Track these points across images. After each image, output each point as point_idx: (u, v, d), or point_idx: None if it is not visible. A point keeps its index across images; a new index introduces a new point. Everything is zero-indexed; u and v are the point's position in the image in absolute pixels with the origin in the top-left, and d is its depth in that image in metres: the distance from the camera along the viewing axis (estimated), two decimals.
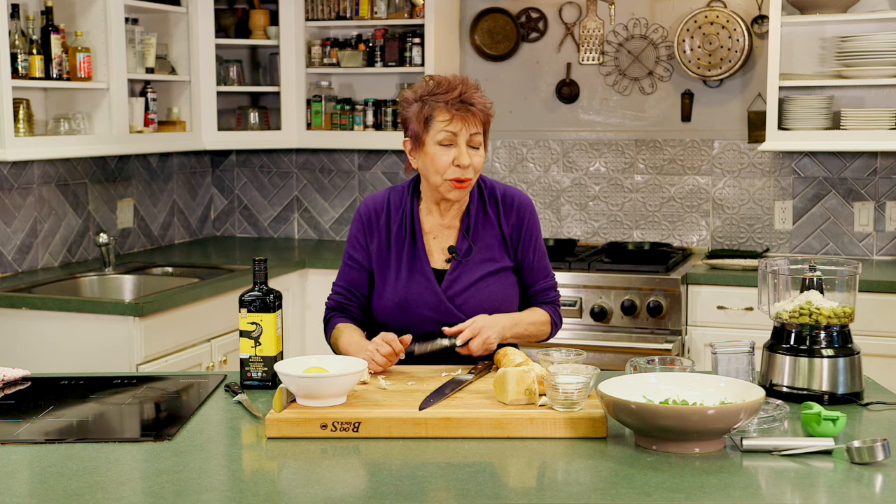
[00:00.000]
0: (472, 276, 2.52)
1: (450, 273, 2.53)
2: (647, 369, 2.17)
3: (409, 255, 2.54)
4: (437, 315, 2.49)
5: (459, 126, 2.44)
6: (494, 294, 2.53)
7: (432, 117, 2.46)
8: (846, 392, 2.21)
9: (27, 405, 2.27)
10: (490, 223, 2.57)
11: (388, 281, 2.53)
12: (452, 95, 2.45)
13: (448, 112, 2.44)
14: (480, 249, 2.55)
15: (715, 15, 4.44)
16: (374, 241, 2.57)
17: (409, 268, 2.53)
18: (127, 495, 1.74)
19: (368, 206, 2.61)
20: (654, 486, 1.73)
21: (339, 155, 5.11)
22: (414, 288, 2.51)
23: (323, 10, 4.77)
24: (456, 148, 2.45)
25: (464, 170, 2.45)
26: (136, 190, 4.68)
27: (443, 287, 2.51)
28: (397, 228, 2.56)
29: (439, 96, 2.45)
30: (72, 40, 3.92)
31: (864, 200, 4.40)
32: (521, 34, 4.79)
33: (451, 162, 2.44)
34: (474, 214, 2.56)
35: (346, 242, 2.63)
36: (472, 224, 2.55)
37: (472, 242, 2.54)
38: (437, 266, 2.54)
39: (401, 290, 2.51)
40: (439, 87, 2.47)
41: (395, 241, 2.55)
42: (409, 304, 2.50)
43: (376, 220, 2.58)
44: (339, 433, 1.99)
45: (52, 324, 3.56)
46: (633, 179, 4.72)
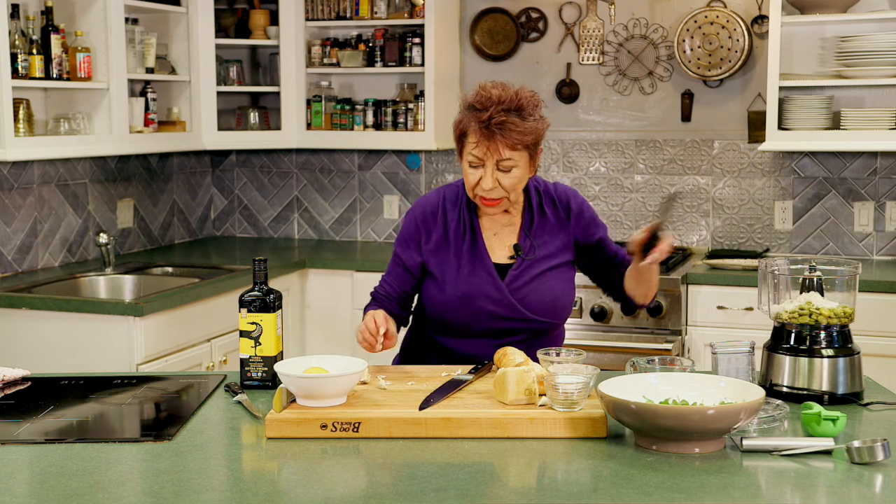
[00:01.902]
0: (534, 272, 2.55)
1: (514, 269, 2.54)
2: (647, 369, 2.17)
3: (469, 250, 2.55)
4: (499, 309, 2.51)
5: (484, 151, 2.42)
6: (555, 289, 2.55)
7: (466, 135, 2.46)
8: (846, 392, 2.21)
9: (27, 405, 2.27)
10: (547, 221, 2.59)
11: (449, 276, 2.54)
12: (482, 117, 2.40)
13: (476, 134, 2.42)
14: (541, 246, 2.57)
15: (715, 15, 4.44)
16: (431, 240, 2.57)
17: (470, 263, 2.54)
18: (127, 495, 1.74)
19: (423, 206, 2.62)
20: (654, 486, 1.73)
21: (339, 155, 5.12)
22: (476, 282, 2.52)
23: (323, 10, 4.77)
24: (482, 170, 2.44)
25: (485, 191, 2.45)
26: (136, 190, 4.68)
27: (506, 282, 2.53)
28: (455, 225, 2.57)
29: (474, 113, 2.43)
30: (72, 40, 3.92)
31: (864, 200, 4.40)
32: (521, 34, 4.79)
33: (478, 182, 2.45)
34: (535, 212, 2.59)
35: (397, 241, 2.64)
36: (534, 222, 2.58)
37: (534, 240, 2.57)
38: (498, 262, 2.56)
39: (463, 285, 2.52)
40: (479, 103, 2.43)
41: (453, 237, 2.57)
42: (472, 298, 2.51)
43: (433, 219, 2.59)
44: (339, 433, 1.99)
45: (52, 324, 3.56)
46: (633, 179, 4.72)
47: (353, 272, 4.44)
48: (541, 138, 2.47)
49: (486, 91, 2.44)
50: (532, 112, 2.43)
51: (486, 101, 2.41)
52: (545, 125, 2.48)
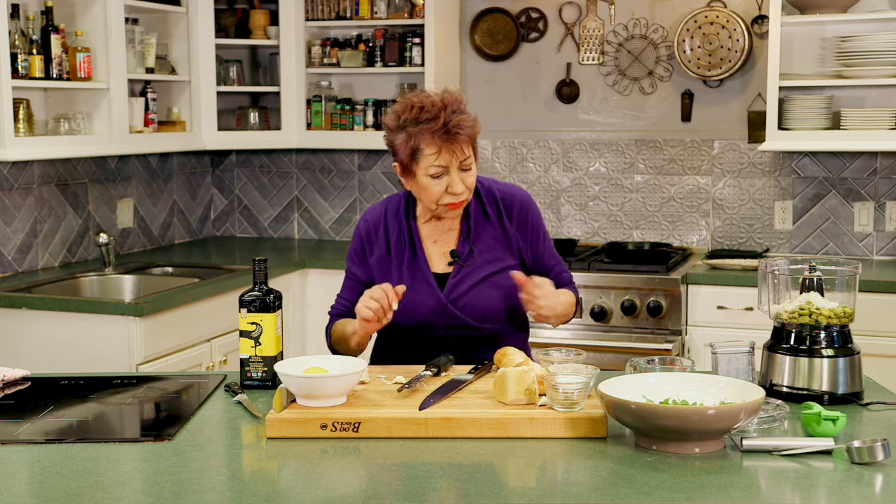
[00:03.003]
0: (475, 278, 2.52)
1: (452, 277, 2.52)
2: (647, 369, 2.17)
3: (409, 262, 2.54)
4: (441, 320, 2.50)
5: (448, 157, 2.39)
6: (495, 295, 2.52)
7: (419, 150, 2.40)
8: (846, 392, 2.21)
9: (27, 405, 2.27)
10: (491, 224, 2.56)
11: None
12: (437, 125, 2.36)
13: (435, 144, 2.38)
14: (483, 251, 2.54)
15: (715, 15, 4.44)
16: (373, 255, 2.57)
17: (410, 275, 2.53)
18: (127, 495, 1.74)
19: (367, 220, 2.61)
20: (654, 486, 1.73)
21: (339, 155, 5.12)
22: (417, 295, 2.50)
23: (323, 10, 4.77)
24: (448, 176, 2.41)
25: (457, 195, 2.43)
26: (136, 190, 4.68)
27: (445, 291, 2.51)
28: (396, 237, 2.56)
29: (423, 125, 2.38)
30: (72, 40, 3.92)
31: (864, 200, 4.40)
32: (521, 34, 4.79)
33: (444, 190, 2.42)
34: (474, 217, 2.55)
35: (348, 256, 2.64)
36: (472, 227, 2.55)
37: (474, 245, 2.54)
38: (439, 270, 2.54)
39: (404, 298, 2.47)
40: (422, 113, 2.38)
41: (394, 250, 2.55)
42: (415, 310, 2.50)
43: (374, 233, 2.58)
44: (339, 433, 1.99)
45: (52, 324, 3.56)
46: (633, 179, 4.72)
47: None
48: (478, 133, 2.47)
49: (418, 101, 2.41)
50: (465, 107, 2.44)
51: (430, 110, 2.38)
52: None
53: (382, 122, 2.53)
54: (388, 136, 2.47)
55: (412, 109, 2.41)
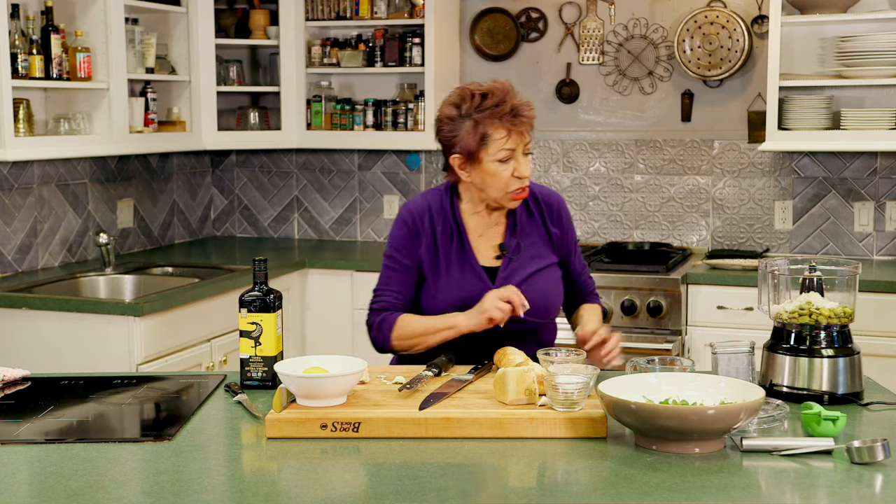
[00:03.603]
0: (524, 272, 2.55)
1: (502, 270, 2.55)
2: (647, 369, 2.17)
3: (457, 254, 2.55)
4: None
5: (517, 141, 2.45)
6: (545, 289, 2.55)
7: (488, 135, 2.44)
8: (846, 392, 2.21)
9: (27, 405, 2.27)
10: (534, 221, 2.61)
11: (441, 281, 2.54)
12: (504, 110, 2.43)
13: (503, 128, 2.43)
14: (528, 246, 2.58)
15: (715, 15, 4.44)
16: (422, 244, 2.57)
17: (459, 267, 2.54)
18: (127, 495, 1.74)
19: (412, 210, 2.60)
20: (654, 486, 1.73)
21: (339, 155, 5.12)
22: (467, 286, 2.52)
23: (323, 10, 4.77)
24: (514, 160, 2.46)
25: (523, 180, 2.47)
26: (136, 190, 4.68)
27: (496, 284, 2.52)
28: (441, 230, 2.57)
29: (489, 111, 2.43)
30: (72, 40, 3.92)
31: (864, 200, 4.40)
32: (521, 34, 4.79)
33: (511, 175, 2.46)
34: (520, 213, 2.59)
35: (389, 247, 2.61)
36: (518, 222, 2.58)
37: (520, 240, 2.57)
38: (486, 264, 2.57)
39: (454, 290, 2.52)
40: (485, 101, 2.44)
41: (441, 242, 2.56)
42: (463, 302, 2.51)
43: (421, 223, 2.58)
44: (339, 433, 1.99)
45: (52, 324, 3.56)
46: (633, 179, 4.72)
47: (352, 272, 4.44)
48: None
49: (480, 89, 2.47)
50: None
51: (493, 96, 2.44)
52: None
53: (437, 117, 2.53)
54: (448, 126, 2.49)
55: (474, 97, 2.46)
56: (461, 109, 2.46)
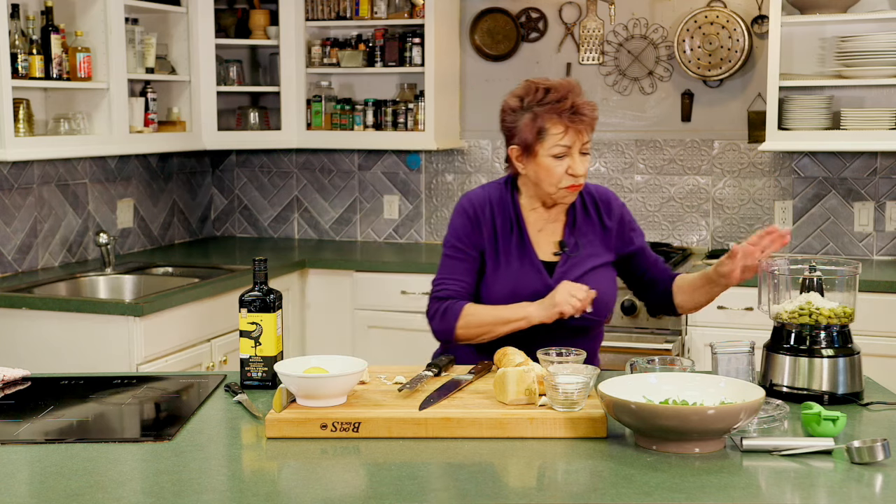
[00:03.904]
0: (581, 269, 2.56)
1: (560, 265, 2.56)
2: (647, 369, 2.17)
3: (517, 248, 2.57)
4: None
5: (573, 138, 2.46)
6: (602, 287, 2.56)
7: (545, 130, 2.47)
8: (846, 392, 2.21)
9: (27, 405, 2.27)
10: (591, 220, 2.62)
11: (499, 273, 2.56)
12: (565, 106, 2.45)
13: (561, 124, 2.45)
14: (585, 245, 2.60)
15: (715, 15, 4.44)
16: (483, 235, 2.58)
17: (518, 260, 2.56)
18: (127, 495, 1.74)
19: (472, 201, 2.61)
20: (654, 486, 1.73)
21: (339, 155, 5.12)
22: (524, 279, 2.54)
23: (323, 10, 4.77)
24: (570, 158, 2.47)
25: (577, 178, 2.48)
26: (136, 190, 4.68)
27: (554, 278, 2.54)
28: (502, 222, 2.58)
29: (550, 106, 2.46)
30: (72, 40, 3.92)
31: (864, 200, 4.40)
32: (521, 34, 4.79)
33: (565, 171, 2.47)
34: (579, 211, 2.61)
35: (450, 237, 2.61)
36: (576, 220, 2.60)
37: (578, 237, 2.59)
38: (544, 258, 2.58)
39: (511, 282, 2.54)
40: (548, 95, 2.47)
41: (501, 234, 2.58)
42: (519, 294, 2.52)
43: (482, 213, 2.59)
44: (339, 433, 1.99)
45: (52, 324, 3.56)
46: (633, 179, 4.71)
47: (353, 272, 4.44)
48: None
49: (545, 84, 2.49)
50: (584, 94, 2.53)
51: (556, 91, 2.46)
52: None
53: (503, 106, 2.56)
54: (509, 118, 2.52)
55: (537, 91, 2.48)
56: (524, 101, 2.49)
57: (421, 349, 4.20)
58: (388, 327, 4.38)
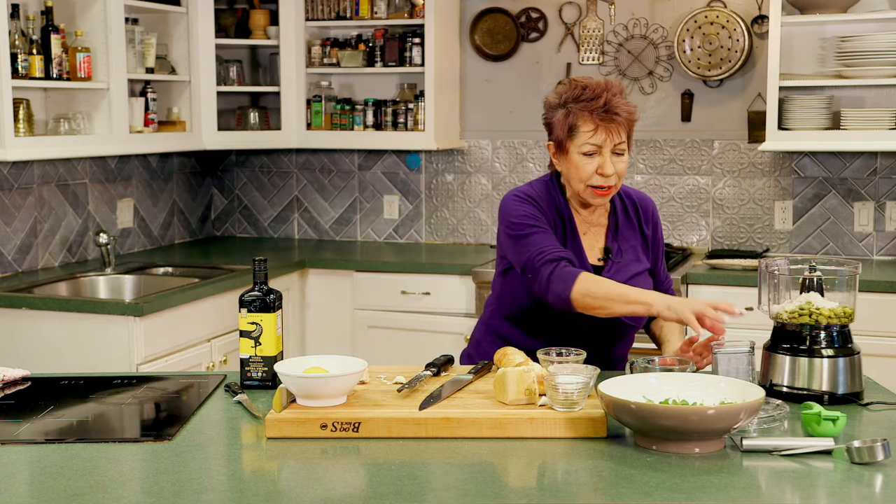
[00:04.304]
0: (625, 275, 2.54)
1: (606, 271, 2.54)
2: (647, 369, 2.17)
3: (570, 248, 2.53)
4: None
5: (604, 137, 2.44)
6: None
7: (576, 126, 2.46)
8: (846, 392, 2.21)
9: (27, 405, 2.27)
10: (632, 225, 2.61)
11: None
12: (597, 104, 2.43)
13: (592, 122, 2.44)
14: (627, 249, 2.58)
15: (715, 15, 4.44)
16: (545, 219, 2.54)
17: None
18: (127, 495, 1.74)
19: (525, 191, 2.56)
20: (654, 486, 1.73)
21: (339, 155, 5.12)
22: None
23: (323, 10, 4.77)
24: (600, 156, 2.45)
25: (606, 178, 2.46)
26: (136, 190, 4.68)
27: None
28: (554, 220, 2.56)
29: (584, 104, 2.45)
30: (72, 40, 3.92)
31: (864, 200, 4.40)
32: (521, 34, 4.79)
33: (595, 170, 2.45)
34: (620, 215, 2.60)
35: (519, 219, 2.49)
36: (619, 225, 2.59)
37: (620, 243, 2.58)
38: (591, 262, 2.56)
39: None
40: (584, 93, 2.45)
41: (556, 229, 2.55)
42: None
43: (540, 206, 2.54)
44: (339, 433, 1.99)
45: (52, 324, 3.56)
46: (633, 179, 4.71)
47: (353, 272, 4.44)
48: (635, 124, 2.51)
49: (583, 83, 2.48)
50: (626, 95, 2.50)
51: (592, 90, 2.45)
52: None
53: (544, 101, 2.56)
54: (548, 113, 2.53)
55: (575, 88, 2.48)
56: (562, 98, 2.49)
57: (421, 349, 4.21)
58: (388, 327, 4.38)
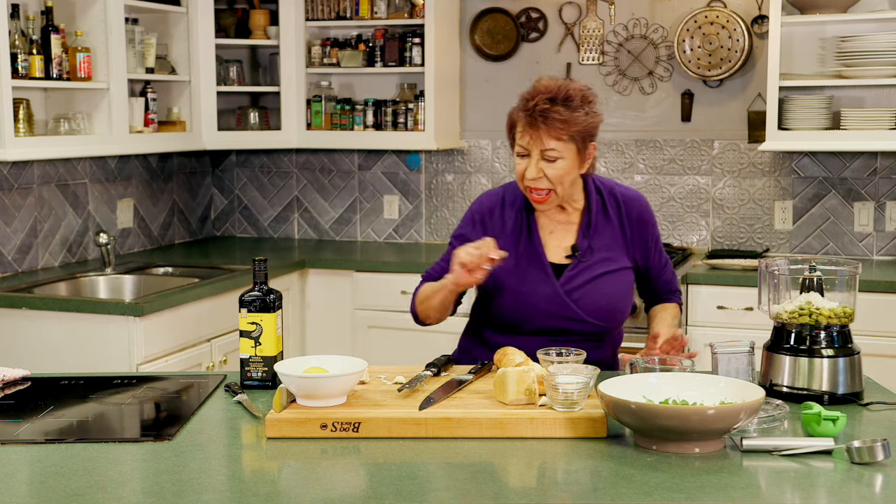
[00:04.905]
0: (591, 274, 2.53)
1: (570, 269, 2.53)
2: (647, 369, 2.17)
3: (526, 248, 2.55)
4: (552, 308, 2.51)
5: (528, 140, 2.44)
6: (611, 293, 2.54)
7: (514, 127, 2.48)
8: (846, 392, 2.21)
9: (27, 405, 2.27)
10: (610, 223, 2.59)
11: (506, 273, 2.53)
12: (530, 105, 2.42)
13: (522, 124, 2.45)
14: (600, 248, 2.56)
15: (715, 15, 4.44)
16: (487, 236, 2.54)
17: (527, 261, 2.54)
18: (127, 495, 1.74)
19: (482, 202, 2.62)
20: (654, 486, 1.73)
21: (339, 155, 5.12)
22: (531, 281, 2.52)
23: (323, 10, 4.77)
24: (529, 158, 2.45)
25: (532, 181, 2.45)
26: (136, 190, 4.68)
27: (561, 282, 2.52)
28: (513, 223, 2.57)
29: (522, 104, 2.46)
30: (72, 40, 3.92)
31: (864, 200, 4.40)
32: (521, 34, 4.79)
33: (524, 172, 2.46)
34: (595, 213, 2.57)
35: (454, 234, 2.63)
36: (592, 222, 2.57)
37: (592, 241, 2.56)
38: (554, 260, 2.55)
39: (518, 283, 2.52)
40: (528, 94, 2.46)
41: (511, 234, 2.56)
42: (526, 296, 2.51)
43: (489, 215, 2.59)
44: (339, 433, 1.99)
45: (52, 324, 3.56)
46: (633, 179, 4.71)
47: (353, 272, 4.44)
48: (589, 132, 2.45)
49: (538, 83, 2.48)
50: (580, 104, 2.43)
51: (534, 91, 2.45)
52: (595, 119, 2.46)
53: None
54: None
55: (530, 88, 2.48)
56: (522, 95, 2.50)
57: (421, 349, 4.21)
58: (388, 327, 4.38)
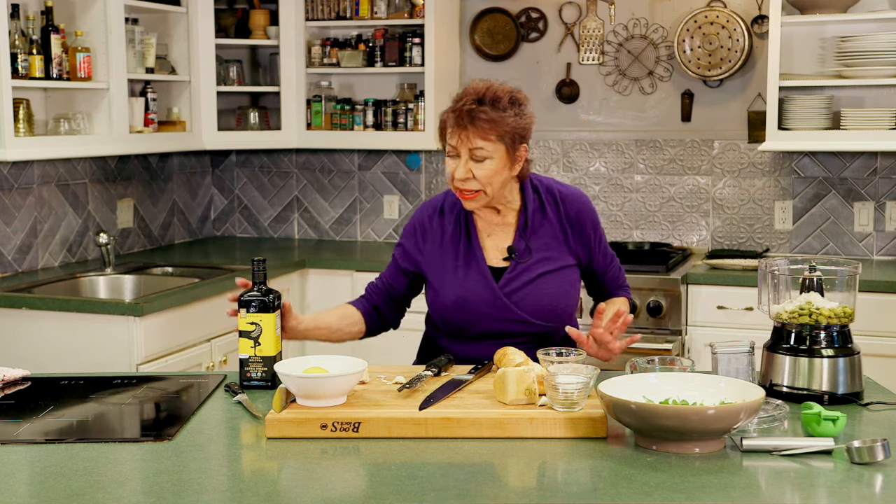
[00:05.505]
0: (531, 275, 2.53)
1: (508, 272, 2.53)
2: (647, 369, 2.17)
3: (464, 253, 2.55)
4: (494, 311, 2.51)
5: (456, 139, 2.43)
6: (552, 292, 2.54)
7: (445, 127, 2.48)
8: (846, 392, 2.21)
9: (27, 405, 2.27)
10: (549, 221, 2.57)
11: (446, 279, 2.54)
12: (458, 106, 2.44)
13: (450, 123, 2.45)
14: (538, 248, 2.55)
15: (715, 15, 4.44)
16: (426, 244, 2.59)
17: (465, 266, 2.54)
18: (127, 495, 1.74)
19: (423, 210, 2.65)
20: (654, 486, 1.73)
21: (339, 155, 5.12)
22: (470, 286, 2.52)
23: (323, 10, 4.77)
24: (459, 159, 2.45)
25: (460, 182, 2.45)
26: (136, 190, 4.68)
27: (500, 284, 2.52)
28: (452, 228, 2.58)
29: (452, 105, 2.47)
30: (72, 40, 3.92)
31: (864, 200, 4.40)
32: (521, 34, 4.79)
33: (453, 172, 2.46)
34: (531, 213, 2.56)
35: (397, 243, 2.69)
36: (529, 223, 2.56)
37: (529, 241, 2.55)
38: (494, 264, 2.55)
39: (458, 288, 2.52)
40: (460, 95, 2.48)
41: (450, 240, 2.57)
42: (467, 301, 2.52)
43: (429, 222, 2.61)
44: (339, 433, 1.99)
45: (52, 324, 3.56)
46: (633, 179, 4.72)
47: (353, 272, 4.44)
48: (519, 133, 2.43)
49: (468, 86, 2.49)
50: (508, 106, 2.42)
51: (463, 93, 2.47)
52: (526, 121, 2.45)
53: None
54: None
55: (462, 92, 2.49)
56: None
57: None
58: None
